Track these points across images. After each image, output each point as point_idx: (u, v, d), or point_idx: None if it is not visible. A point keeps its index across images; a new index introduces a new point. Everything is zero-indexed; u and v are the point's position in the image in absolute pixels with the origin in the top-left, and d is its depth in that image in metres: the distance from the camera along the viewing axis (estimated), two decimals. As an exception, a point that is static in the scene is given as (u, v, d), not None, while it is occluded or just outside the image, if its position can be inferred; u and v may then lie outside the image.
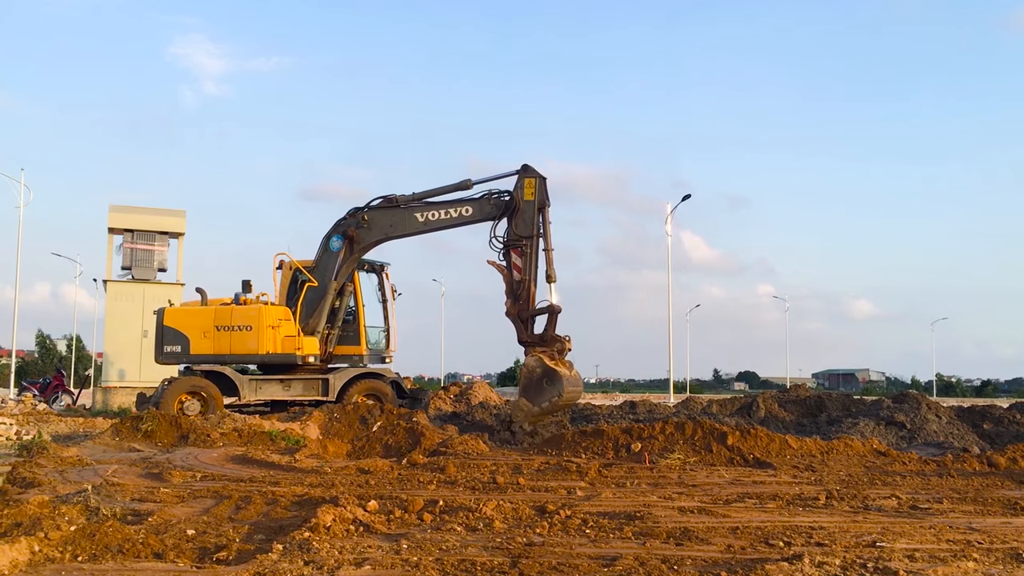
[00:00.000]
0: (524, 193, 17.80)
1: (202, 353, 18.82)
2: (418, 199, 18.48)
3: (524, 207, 17.77)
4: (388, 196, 18.61)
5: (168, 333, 18.86)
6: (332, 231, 19.10)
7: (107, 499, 7.68)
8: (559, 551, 5.89)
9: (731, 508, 7.96)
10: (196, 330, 18.85)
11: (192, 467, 10.60)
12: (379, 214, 18.72)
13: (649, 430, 12.71)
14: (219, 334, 18.79)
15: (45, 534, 5.62)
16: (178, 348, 18.80)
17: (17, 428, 15.76)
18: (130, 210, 27.49)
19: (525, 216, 17.75)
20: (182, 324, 18.93)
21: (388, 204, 18.65)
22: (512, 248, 17.80)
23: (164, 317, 19.03)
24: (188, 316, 19.12)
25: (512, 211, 17.83)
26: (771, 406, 19.37)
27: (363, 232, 18.80)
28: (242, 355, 18.94)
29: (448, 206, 18.37)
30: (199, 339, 18.77)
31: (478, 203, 18.23)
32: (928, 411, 17.13)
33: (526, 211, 17.78)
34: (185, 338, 18.79)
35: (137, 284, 26.29)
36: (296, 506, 7.63)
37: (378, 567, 5.32)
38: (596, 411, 19.72)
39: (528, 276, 17.58)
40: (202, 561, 5.58)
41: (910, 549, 6.07)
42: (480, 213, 18.28)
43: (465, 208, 18.41)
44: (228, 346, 18.82)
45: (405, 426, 13.82)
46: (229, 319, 18.85)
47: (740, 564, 5.51)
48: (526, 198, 17.81)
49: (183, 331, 18.88)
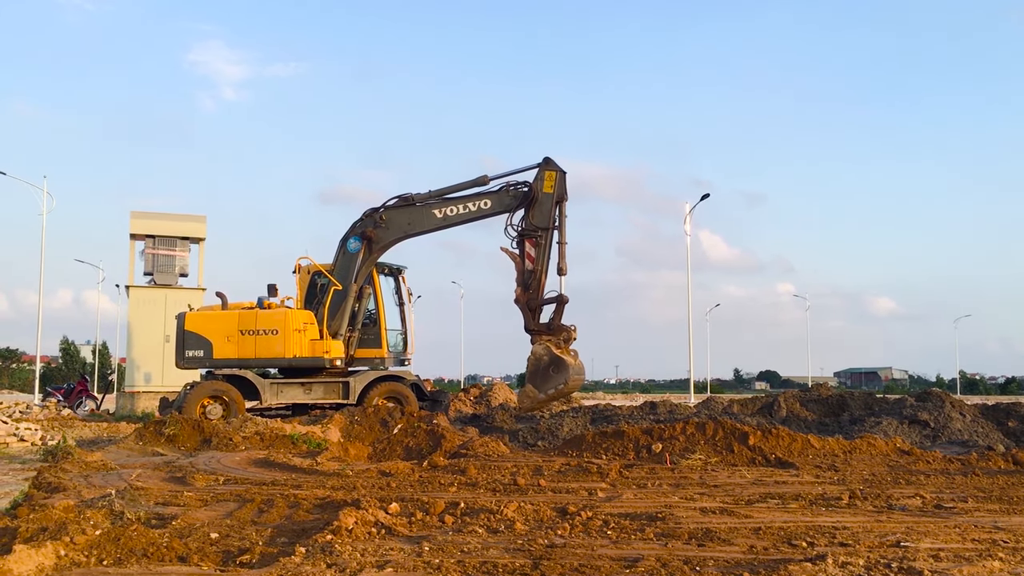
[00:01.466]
0: (543, 185, 17.96)
1: (226, 357, 18.80)
2: (435, 196, 18.58)
3: (542, 198, 17.92)
4: (404, 195, 18.71)
5: (190, 338, 18.84)
6: (349, 233, 19.15)
7: (131, 503, 7.74)
8: (580, 552, 5.89)
9: (753, 508, 7.92)
10: (219, 334, 18.84)
11: (215, 471, 10.66)
12: (396, 213, 18.79)
13: (670, 430, 12.67)
14: (244, 338, 18.79)
15: (71, 538, 5.67)
16: (200, 352, 18.77)
17: (42, 433, 15.91)
18: (151, 216, 27.72)
19: (543, 207, 17.92)
20: (204, 328, 18.92)
21: (404, 203, 18.75)
22: (527, 238, 17.99)
23: (185, 321, 19.01)
24: (211, 320, 19.09)
25: (530, 202, 17.95)
26: (793, 405, 19.25)
27: (381, 232, 18.85)
28: (268, 359, 18.89)
29: (466, 200, 18.51)
30: (222, 343, 18.75)
31: (497, 195, 18.43)
32: (952, 409, 16.98)
33: (544, 203, 17.94)
34: (208, 342, 18.78)
35: (159, 289, 26.49)
36: (318, 509, 7.66)
37: (400, 569, 5.33)
38: (616, 412, 19.66)
39: (540, 267, 17.79)
40: (226, 564, 5.61)
41: (935, 549, 6.02)
42: (499, 205, 18.42)
43: (484, 201, 18.55)
44: (253, 350, 18.80)
45: (426, 428, 13.84)
46: (254, 323, 18.86)
47: (763, 565, 5.48)
48: (545, 190, 17.99)
49: (206, 335, 18.86)
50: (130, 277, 27.37)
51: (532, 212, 17.99)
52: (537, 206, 17.99)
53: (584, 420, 17.53)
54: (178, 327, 19.16)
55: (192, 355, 18.83)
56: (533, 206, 18.02)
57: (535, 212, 17.97)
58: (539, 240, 17.96)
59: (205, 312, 19.59)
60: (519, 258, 17.97)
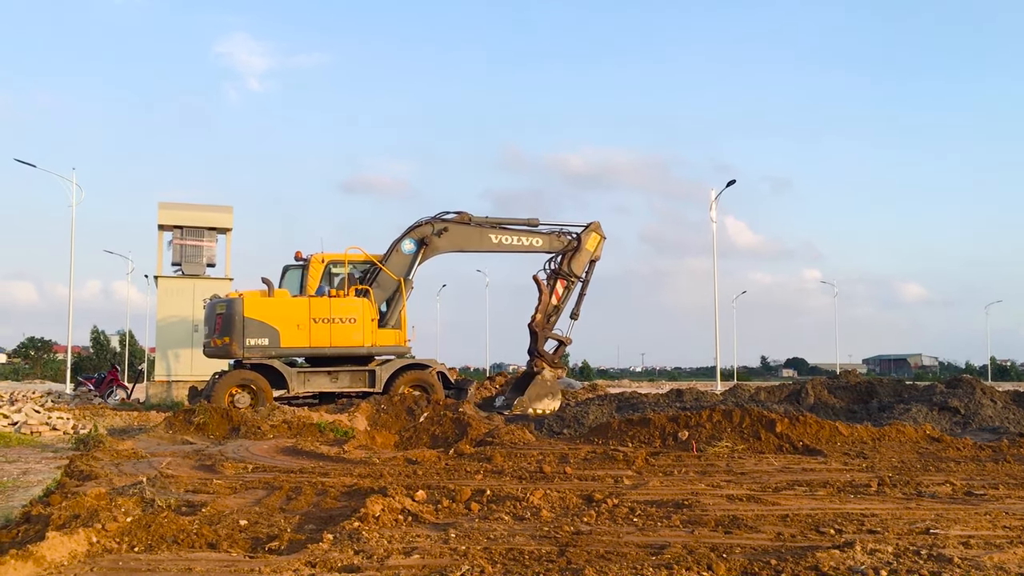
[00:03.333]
0: (588, 242, 21.25)
1: (295, 346, 18.54)
2: (491, 223, 20.81)
3: (583, 253, 21.22)
4: (462, 212, 20.61)
5: (251, 325, 18.18)
6: (407, 235, 20.12)
7: (162, 491, 7.83)
8: (607, 540, 5.89)
9: (781, 496, 7.88)
10: (288, 322, 18.41)
11: (244, 459, 10.76)
12: (459, 229, 20.51)
13: (696, 418, 12.63)
14: (317, 326, 18.52)
15: (102, 525, 5.74)
16: (265, 341, 18.27)
17: (74, 422, 16.13)
18: (179, 207, 27.90)
19: (581, 259, 21.23)
20: (269, 316, 18.39)
21: (462, 220, 20.57)
22: (560, 278, 21.13)
23: (245, 307, 18.27)
24: (277, 307, 18.54)
25: (573, 251, 21.11)
26: (820, 392, 19.10)
27: (439, 240, 20.21)
28: (344, 347, 18.85)
29: (521, 235, 21.05)
30: (292, 331, 18.38)
31: (548, 238, 21.20)
32: (983, 396, 16.78)
33: (583, 257, 21.26)
34: (274, 330, 18.31)
35: (187, 280, 26.68)
36: (345, 496, 7.70)
37: (427, 556, 5.35)
38: (642, 399, 19.59)
39: (563, 305, 21.18)
40: (255, 551, 5.66)
41: (965, 536, 5.96)
42: (548, 246, 21.21)
43: (536, 239, 21.14)
44: (328, 339, 18.58)
45: (452, 416, 13.89)
46: (328, 311, 18.62)
47: (790, 552, 5.45)
48: (587, 247, 21.26)
49: (271, 323, 18.35)
50: (158, 267, 27.60)
51: (573, 260, 21.12)
52: (578, 256, 21.15)
53: (610, 408, 17.49)
54: (230, 314, 18.30)
55: (255, 343, 18.25)
56: (575, 255, 21.11)
57: (575, 261, 21.15)
58: (570, 284, 21.19)
59: (269, 298, 18.92)
60: (548, 292, 20.91)
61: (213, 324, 18.84)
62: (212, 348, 18.95)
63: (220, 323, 18.51)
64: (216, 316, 18.66)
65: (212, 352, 19.22)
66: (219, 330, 18.52)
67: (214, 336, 18.70)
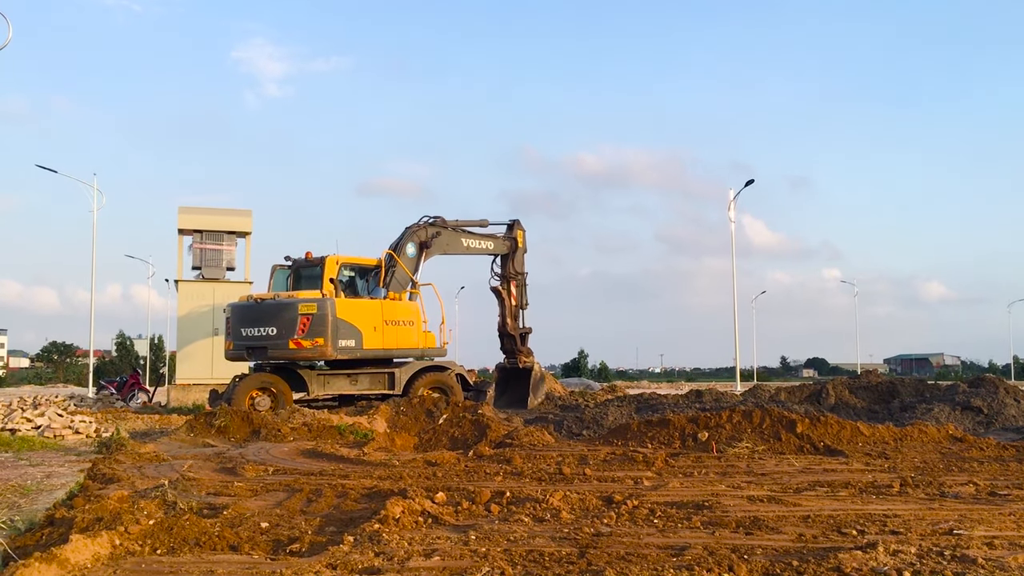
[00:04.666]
0: (520, 239, 23.48)
1: (374, 348, 18.72)
2: (458, 226, 22.09)
3: (520, 252, 23.45)
4: (437, 217, 21.55)
5: (342, 327, 18.16)
6: (407, 239, 20.49)
7: (183, 493, 7.88)
8: (627, 541, 5.87)
9: (802, 497, 7.84)
10: (368, 324, 18.57)
11: (264, 461, 10.80)
12: (447, 233, 21.50)
13: (716, 419, 12.58)
14: (388, 328, 18.83)
15: (125, 528, 5.79)
16: (352, 343, 18.31)
17: (96, 426, 16.25)
18: (198, 211, 28.05)
19: (520, 257, 23.50)
20: (355, 318, 18.45)
21: (444, 225, 21.53)
22: (512, 280, 23.18)
23: (337, 309, 18.08)
24: (361, 309, 18.68)
25: (512, 251, 23.18)
26: (841, 393, 19.00)
27: (434, 244, 20.98)
28: (405, 350, 19.37)
29: (481, 239, 22.62)
30: (371, 333, 18.58)
31: (497, 240, 23.03)
32: (1006, 395, 16.65)
33: (521, 255, 23.50)
34: (359, 332, 18.38)
35: (207, 284, 26.83)
36: (366, 498, 7.72)
37: (447, 558, 5.36)
38: (662, 400, 19.56)
39: (522, 302, 23.45)
40: (276, 553, 5.69)
41: (989, 536, 5.90)
42: (496, 249, 23.03)
43: (489, 243, 22.81)
44: (395, 341, 18.97)
45: (471, 418, 13.90)
46: (394, 314, 18.98)
47: (812, 553, 5.42)
48: (521, 244, 23.49)
49: (356, 325, 18.42)
50: (179, 271, 27.77)
51: (514, 260, 23.27)
52: (518, 255, 23.36)
53: (629, 409, 17.47)
54: (323, 315, 17.86)
55: (344, 345, 18.20)
56: (515, 255, 23.25)
57: (517, 260, 23.36)
58: (520, 282, 23.42)
59: (352, 301, 18.85)
60: (507, 296, 23.01)
61: (293, 324, 18.00)
62: (292, 349, 18.06)
63: (308, 323, 17.92)
64: (300, 316, 17.94)
65: (287, 354, 18.29)
66: (306, 331, 17.89)
67: (298, 337, 17.92)
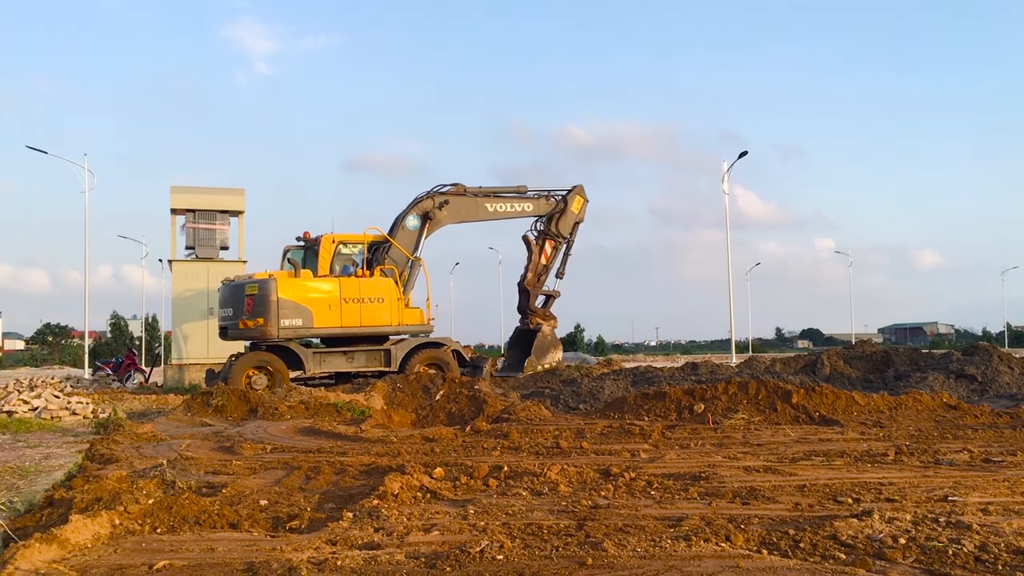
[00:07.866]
0: (574, 204, 23.30)
1: (328, 327, 18.53)
2: (485, 193, 21.99)
3: (569, 215, 23.25)
4: (458, 184, 21.44)
5: (286, 306, 17.98)
6: (410, 210, 20.59)
7: (182, 473, 7.90)
8: (625, 513, 5.91)
9: (798, 466, 7.89)
10: (320, 303, 18.39)
11: (262, 440, 10.83)
12: (459, 200, 21.31)
13: (712, 391, 12.63)
14: (348, 306, 18.58)
15: (125, 508, 5.80)
16: (299, 321, 18.13)
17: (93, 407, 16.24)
18: (191, 190, 27.87)
19: (568, 220, 23.24)
20: (303, 296, 18.29)
21: (458, 192, 21.40)
22: (549, 239, 23.15)
23: (279, 288, 18.00)
24: (309, 288, 18.48)
25: (560, 212, 23.06)
26: (836, 363, 19.07)
27: (442, 214, 20.86)
28: (374, 327, 19.03)
29: (513, 201, 22.56)
30: (324, 312, 18.37)
31: (537, 202, 22.93)
32: (1000, 363, 16.73)
33: (569, 218, 23.28)
34: (308, 311, 18.23)
35: (201, 263, 26.72)
36: (364, 475, 7.75)
37: (446, 532, 5.39)
38: (658, 373, 19.61)
39: (551, 265, 23.28)
40: (276, 530, 5.72)
41: (983, 503, 5.95)
42: (537, 210, 23.01)
43: (527, 204, 22.77)
44: (359, 318, 18.66)
45: (468, 394, 13.94)
46: (358, 291, 18.67)
47: (808, 521, 5.46)
48: (573, 209, 23.32)
49: (304, 304, 18.25)
50: (172, 251, 27.62)
51: (560, 221, 23.09)
52: (564, 217, 23.15)
53: (625, 382, 17.53)
54: (264, 295, 17.95)
55: (289, 324, 18.06)
56: (561, 217, 23.09)
57: (562, 222, 23.13)
58: (558, 244, 23.28)
59: (299, 280, 18.70)
60: (538, 251, 22.99)
61: (241, 305, 18.31)
62: (240, 330, 18.41)
63: (251, 304, 18.05)
64: (246, 297, 18.14)
65: (238, 334, 18.71)
66: (250, 311, 18.04)
67: (244, 318, 18.18)
